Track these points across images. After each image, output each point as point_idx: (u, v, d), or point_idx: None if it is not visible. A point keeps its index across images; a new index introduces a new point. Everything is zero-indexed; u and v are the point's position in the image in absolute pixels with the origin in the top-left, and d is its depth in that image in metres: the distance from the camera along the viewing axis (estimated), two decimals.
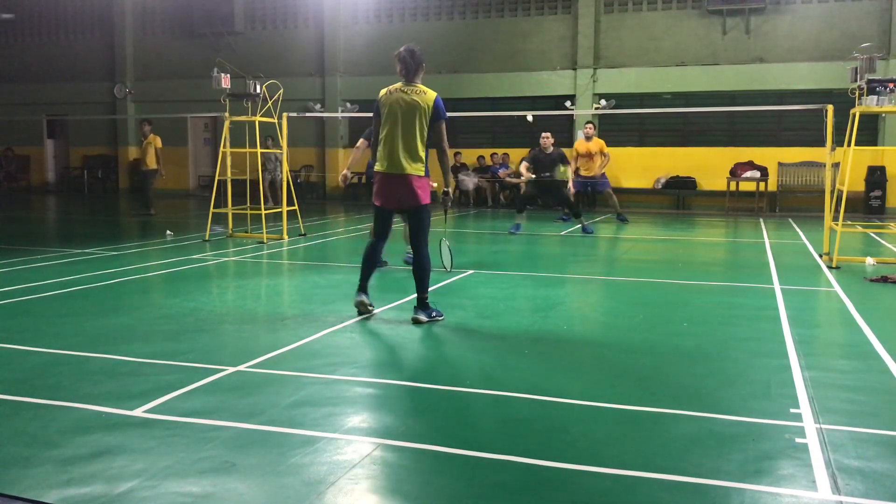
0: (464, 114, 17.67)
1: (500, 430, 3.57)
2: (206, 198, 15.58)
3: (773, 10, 17.50)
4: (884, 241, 11.35)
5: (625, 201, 18.39)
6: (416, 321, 5.70)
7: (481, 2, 19.82)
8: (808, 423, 3.61)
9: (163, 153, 15.87)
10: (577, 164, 14.52)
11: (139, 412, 3.72)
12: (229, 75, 11.36)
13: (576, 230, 12.64)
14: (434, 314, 5.81)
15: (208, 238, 10.97)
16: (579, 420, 3.74)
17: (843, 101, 9.97)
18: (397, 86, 5.77)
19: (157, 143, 15.73)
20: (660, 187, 18.33)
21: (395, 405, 3.94)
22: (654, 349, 5.13)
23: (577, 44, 18.82)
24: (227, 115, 11.39)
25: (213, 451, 3.25)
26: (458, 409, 3.87)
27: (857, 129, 8.79)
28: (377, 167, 5.79)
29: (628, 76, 18.54)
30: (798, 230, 13.12)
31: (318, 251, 10.41)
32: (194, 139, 22.80)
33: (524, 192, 12.86)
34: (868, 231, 12.11)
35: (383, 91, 5.80)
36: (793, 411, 3.78)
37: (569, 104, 17.02)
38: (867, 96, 8.62)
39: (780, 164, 17.48)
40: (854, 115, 8.83)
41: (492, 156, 19.10)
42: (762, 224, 14.51)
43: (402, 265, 8.41)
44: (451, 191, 6.16)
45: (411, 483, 2.99)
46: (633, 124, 19.03)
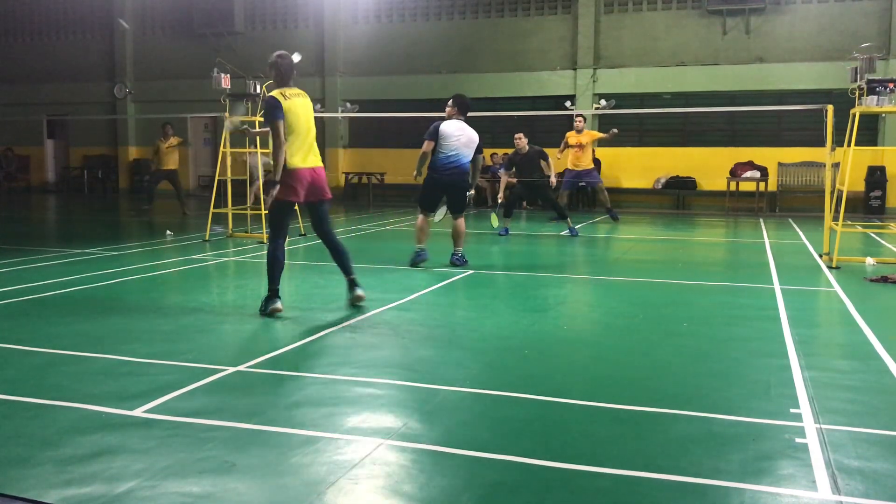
0: None
1: (500, 430, 3.57)
2: (206, 198, 15.58)
3: (773, 10, 17.50)
4: (884, 241, 11.35)
5: (625, 201, 18.42)
6: (358, 298, 6.21)
7: (481, 2, 19.82)
8: (808, 423, 3.61)
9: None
10: (569, 156, 14.34)
11: (139, 412, 3.72)
12: (229, 75, 11.36)
13: (565, 232, 12.53)
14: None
15: (208, 238, 10.97)
16: (579, 420, 3.74)
17: (843, 101, 9.97)
18: (292, 90, 6.12)
19: (174, 142, 16.05)
20: (660, 187, 18.33)
21: (395, 405, 3.94)
22: (654, 349, 5.14)
23: (577, 44, 18.82)
24: (227, 115, 11.39)
25: (213, 451, 3.25)
26: (458, 409, 3.87)
27: (857, 129, 8.79)
28: (298, 163, 5.96)
29: (628, 76, 18.54)
30: (798, 230, 13.12)
31: (318, 251, 10.36)
32: (194, 139, 22.77)
33: (509, 197, 12.67)
34: (868, 231, 12.11)
35: (277, 93, 6.02)
36: (793, 411, 3.78)
37: (569, 104, 17.01)
38: (867, 96, 8.62)
39: (780, 164, 17.49)
40: (854, 115, 8.83)
41: (492, 156, 19.08)
42: (762, 224, 14.51)
43: (448, 265, 8.53)
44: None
45: (411, 483, 2.99)
46: (633, 124, 19.02)
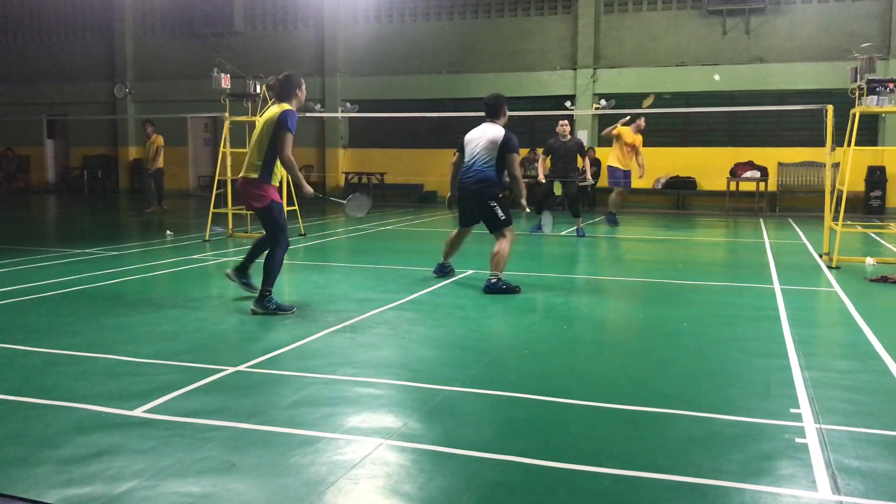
0: (464, 114, 17.66)
1: (500, 430, 3.57)
2: (206, 198, 15.58)
3: (773, 10, 17.50)
4: (884, 241, 11.35)
5: (625, 201, 18.41)
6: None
7: (481, 2, 19.82)
8: (808, 423, 3.61)
9: (163, 153, 16.29)
10: (617, 153, 13.40)
11: (139, 412, 3.72)
12: (229, 75, 11.36)
13: (571, 231, 12.54)
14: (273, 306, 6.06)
15: (208, 238, 10.97)
16: (579, 420, 3.74)
17: (843, 101, 9.97)
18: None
19: (160, 141, 16.17)
20: (660, 187, 18.33)
21: (395, 405, 3.94)
22: (654, 349, 5.14)
23: (577, 44, 18.82)
24: (227, 115, 11.39)
25: (213, 451, 3.24)
26: (459, 409, 3.87)
27: (857, 129, 8.79)
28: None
29: (628, 76, 18.54)
30: (798, 230, 13.12)
31: (318, 251, 10.40)
32: (194, 139, 22.80)
33: (540, 198, 11.84)
34: (868, 231, 12.11)
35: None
36: (793, 411, 3.78)
37: (569, 104, 17.01)
38: (867, 96, 8.62)
39: (780, 164, 17.49)
40: (854, 115, 8.83)
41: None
42: (762, 224, 14.51)
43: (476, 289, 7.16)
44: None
45: (411, 483, 2.99)
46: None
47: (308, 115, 17.35)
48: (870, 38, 15.62)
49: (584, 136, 17.53)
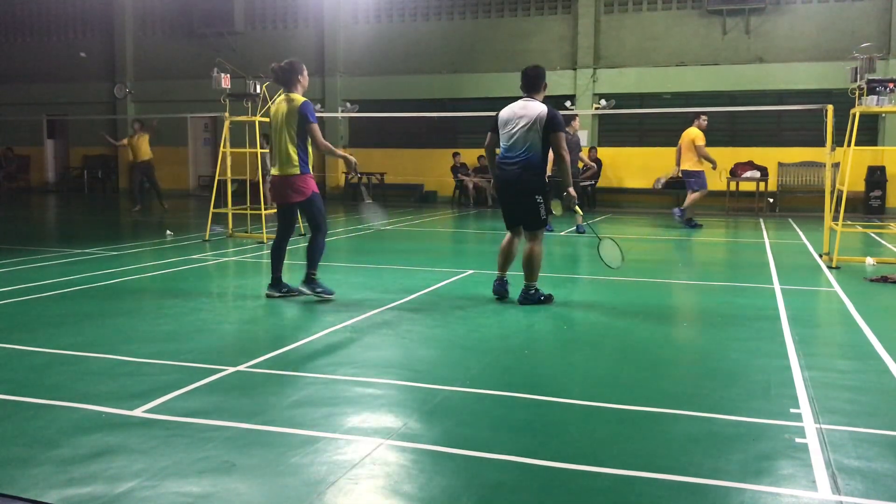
0: (464, 114, 17.68)
1: (500, 430, 3.57)
2: (205, 198, 15.58)
3: (773, 10, 17.50)
4: (884, 241, 11.35)
5: (625, 201, 18.44)
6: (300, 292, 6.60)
7: (481, 2, 19.82)
8: (808, 423, 3.61)
9: (163, 153, 16.47)
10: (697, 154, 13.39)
11: (139, 412, 3.72)
12: (229, 75, 11.36)
13: (571, 230, 12.55)
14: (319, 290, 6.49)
15: (208, 238, 10.97)
16: (579, 420, 3.74)
17: (843, 101, 9.97)
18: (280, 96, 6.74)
19: (145, 136, 16.38)
20: (660, 187, 18.33)
21: (395, 405, 3.94)
22: (654, 349, 5.14)
23: (577, 44, 18.82)
24: (227, 115, 11.39)
25: (213, 451, 3.25)
26: (458, 409, 3.87)
27: (857, 129, 8.79)
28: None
29: (628, 76, 18.54)
30: (798, 230, 13.12)
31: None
32: (194, 139, 22.81)
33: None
34: (868, 231, 12.11)
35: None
36: (793, 411, 3.78)
37: (569, 104, 17.01)
38: (867, 96, 8.62)
39: (780, 164, 17.49)
40: (854, 115, 8.83)
41: None
42: (762, 224, 14.51)
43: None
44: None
45: (411, 483, 2.99)
46: (633, 124, 19.03)
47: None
48: (870, 38, 15.62)
49: (584, 136, 17.54)
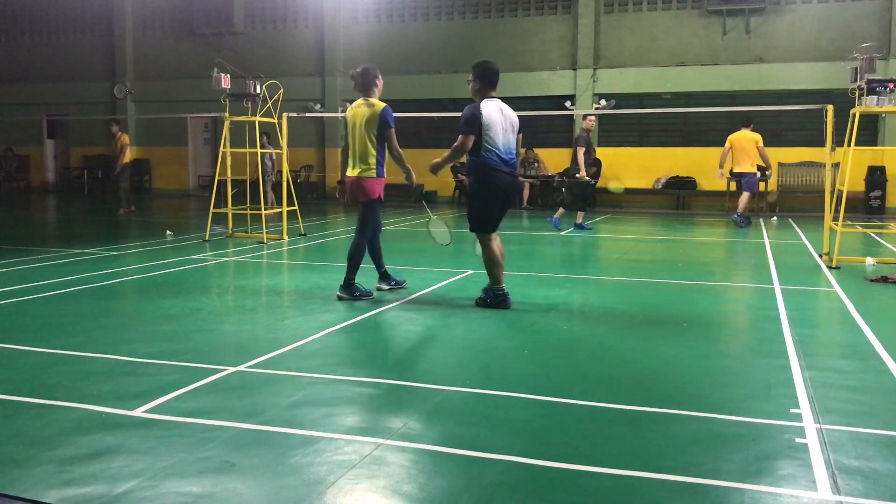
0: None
1: (500, 430, 3.57)
2: (205, 198, 15.58)
3: (773, 10, 17.50)
4: (884, 241, 11.35)
5: (625, 201, 18.44)
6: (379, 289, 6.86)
7: (481, 2, 19.83)
8: (808, 423, 3.61)
9: (163, 153, 16.30)
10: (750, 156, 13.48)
11: (139, 412, 3.72)
12: (229, 75, 11.36)
13: (571, 230, 12.54)
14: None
15: (208, 238, 10.97)
16: (579, 420, 3.73)
17: (843, 101, 9.97)
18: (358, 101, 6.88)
19: (125, 139, 16.09)
20: (660, 187, 18.33)
21: (395, 405, 3.94)
22: (654, 349, 5.13)
23: (577, 44, 18.82)
24: (227, 115, 11.39)
25: (213, 451, 3.25)
26: (458, 409, 3.87)
27: (857, 129, 8.79)
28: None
29: (628, 76, 18.54)
30: (798, 230, 13.12)
31: (318, 251, 10.40)
32: (194, 139, 22.80)
33: (581, 186, 12.55)
34: (868, 231, 12.11)
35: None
36: (793, 411, 3.78)
37: (569, 104, 17.01)
38: (867, 96, 8.62)
39: (780, 164, 17.49)
40: (854, 115, 8.83)
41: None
42: (762, 224, 14.51)
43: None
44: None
45: (411, 483, 2.99)
46: (633, 124, 19.03)
47: (308, 115, 17.39)
48: (870, 38, 15.64)
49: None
